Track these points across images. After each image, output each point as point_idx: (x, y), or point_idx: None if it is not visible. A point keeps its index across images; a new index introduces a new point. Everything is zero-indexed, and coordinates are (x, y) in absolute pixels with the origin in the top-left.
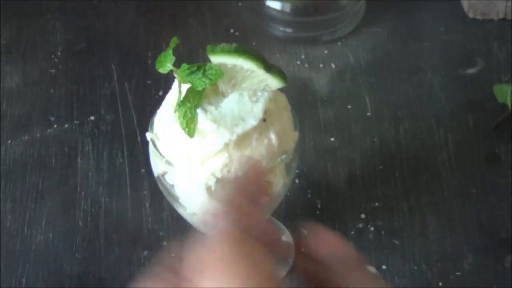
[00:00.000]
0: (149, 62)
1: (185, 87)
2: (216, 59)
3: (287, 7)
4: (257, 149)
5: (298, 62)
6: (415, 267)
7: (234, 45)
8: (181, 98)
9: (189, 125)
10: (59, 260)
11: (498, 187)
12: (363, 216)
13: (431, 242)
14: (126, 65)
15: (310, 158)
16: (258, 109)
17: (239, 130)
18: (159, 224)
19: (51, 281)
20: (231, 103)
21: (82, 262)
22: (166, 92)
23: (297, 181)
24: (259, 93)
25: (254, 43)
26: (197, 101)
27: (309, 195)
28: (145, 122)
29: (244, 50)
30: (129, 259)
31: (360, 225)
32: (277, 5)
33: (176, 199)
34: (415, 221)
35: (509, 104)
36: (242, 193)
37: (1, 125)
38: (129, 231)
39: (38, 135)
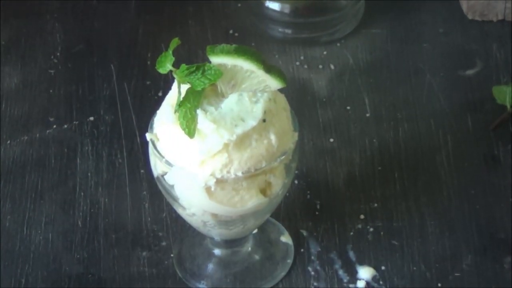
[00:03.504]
0: (149, 62)
1: (185, 87)
2: (216, 59)
3: (286, 8)
4: (256, 150)
5: (297, 63)
6: (414, 268)
7: (233, 45)
8: (181, 99)
9: (189, 126)
10: (58, 260)
11: (497, 188)
12: (362, 216)
13: (430, 243)
14: (125, 65)
15: (309, 159)
16: (257, 110)
17: (239, 130)
18: (158, 224)
19: (50, 281)
20: (231, 103)
21: (81, 262)
22: (165, 92)
23: (296, 181)
24: (259, 94)
25: (253, 44)
26: (196, 102)
27: (309, 196)
28: (145, 122)
29: (243, 50)
30: (128, 260)
31: (359, 226)
32: (276, 6)
33: (175, 199)
34: (414, 222)
35: (508, 105)
36: None
37: (1, 126)
38: (128, 232)
39: (37, 135)
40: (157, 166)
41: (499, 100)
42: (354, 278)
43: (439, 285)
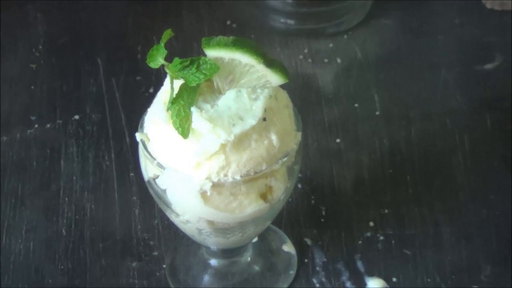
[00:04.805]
0: (139, 56)
1: (178, 83)
2: (212, 53)
3: None
4: (256, 151)
5: (301, 57)
6: (428, 280)
7: (231, 37)
8: (174, 95)
9: (183, 125)
10: (40, 272)
11: None
12: (371, 224)
13: (445, 252)
14: (113, 59)
15: (313, 161)
16: (257, 108)
17: (237, 130)
18: (149, 232)
19: None
20: (228, 100)
21: (65, 274)
22: (157, 89)
23: (299, 185)
24: (259, 90)
25: (253, 36)
26: (191, 99)
27: (313, 201)
28: (135, 121)
29: (242, 43)
30: (117, 271)
31: (368, 234)
32: None
33: (168, 205)
34: (428, 230)
35: None
36: None
37: None
38: (117, 240)
39: (18, 135)
40: (148, 169)
41: None
42: None
43: None
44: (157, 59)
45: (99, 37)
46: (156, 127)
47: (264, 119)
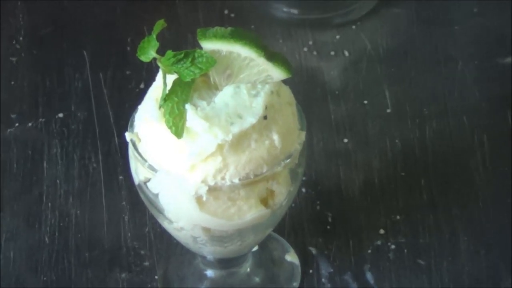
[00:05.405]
0: (129, 49)
1: (171, 78)
2: (208, 45)
3: None
4: (256, 152)
5: (305, 49)
6: None
7: (229, 28)
8: (167, 92)
9: (176, 124)
10: (21, 283)
11: None
12: (382, 231)
13: (462, 263)
14: (101, 52)
15: (319, 163)
16: (257, 105)
17: (236, 129)
18: (140, 240)
19: None
20: (226, 97)
21: (48, 286)
22: (148, 84)
23: (303, 190)
24: (259, 86)
25: (252, 27)
26: (185, 95)
27: (318, 207)
28: (124, 120)
29: (241, 34)
30: (105, 282)
31: (379, 242)
32: None
33: (160, 211)
34: (443, 238)
35: None
36: None
37: None
38: (104, 249)
39: None
40: (138, 172)
41: None
42: None
43: None
44: (148, 52)
45: (85, 27)
46: (148, 126)
47: (265, 117)
